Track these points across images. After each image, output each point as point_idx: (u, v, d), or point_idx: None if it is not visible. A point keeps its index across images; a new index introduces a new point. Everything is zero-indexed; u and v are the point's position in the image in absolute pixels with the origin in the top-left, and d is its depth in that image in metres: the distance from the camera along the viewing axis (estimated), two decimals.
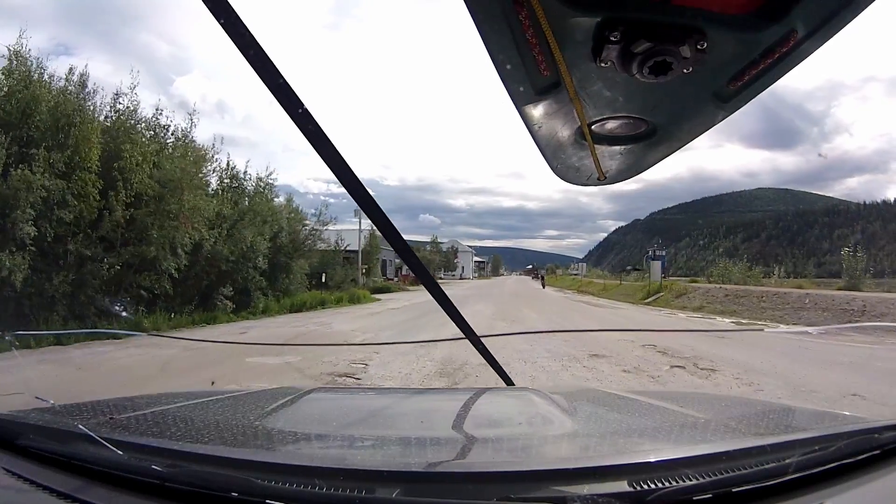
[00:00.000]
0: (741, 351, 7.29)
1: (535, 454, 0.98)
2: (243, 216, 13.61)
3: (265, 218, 14.49)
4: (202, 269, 12.00)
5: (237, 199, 14.29)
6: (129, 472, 0.74)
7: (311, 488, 0.67)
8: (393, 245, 1.17)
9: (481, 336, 1.39)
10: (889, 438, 0.83)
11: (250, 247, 13.17)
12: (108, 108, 10.64)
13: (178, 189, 10.63)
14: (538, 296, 26.68)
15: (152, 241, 10.02)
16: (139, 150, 10.06)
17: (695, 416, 1.24)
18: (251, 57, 0.82)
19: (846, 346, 7.81)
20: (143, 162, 10.00)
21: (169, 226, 10.43)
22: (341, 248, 24.00)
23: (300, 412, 1.33)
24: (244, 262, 13.08)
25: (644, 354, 7.13)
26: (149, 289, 10.22)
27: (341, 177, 0.98)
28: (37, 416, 1.00)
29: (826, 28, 0.62)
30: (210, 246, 11.86)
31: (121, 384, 5.26)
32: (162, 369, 6.01)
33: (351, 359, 6.24)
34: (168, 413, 1.18)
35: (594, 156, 0.92)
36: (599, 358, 6.76)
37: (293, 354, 6.64)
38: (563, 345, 7.39)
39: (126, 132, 10.31)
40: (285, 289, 15.78)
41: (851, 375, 5.74)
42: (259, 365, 6.08)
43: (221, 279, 12.55)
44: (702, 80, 0.70)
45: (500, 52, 0.66)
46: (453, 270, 62.29)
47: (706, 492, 0.67)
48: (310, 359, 6.36)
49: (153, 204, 10.25)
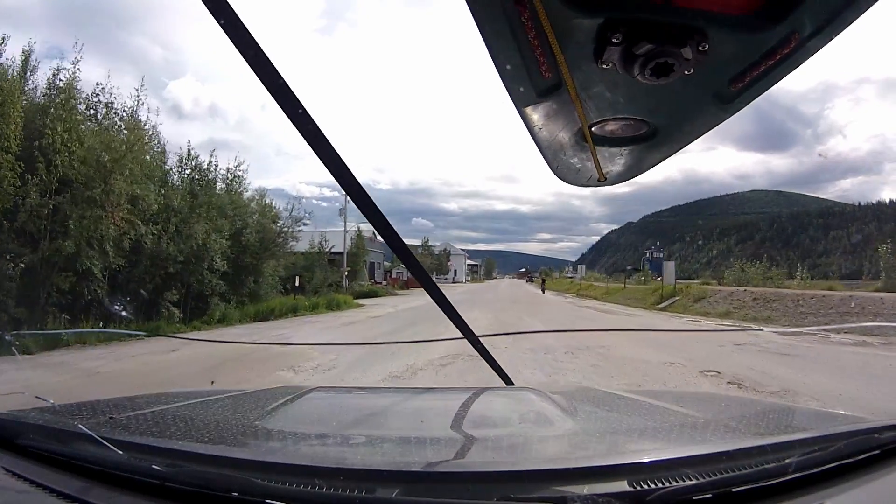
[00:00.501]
0: (839, 378, 5.62)
1: (535, 454, 0.98)
2: (196, 209, 11.76)
3: (226, 212, 12.89)
4: (145, 270, 10.45)
5: (197, 191, 12.53)
6: (129, 472, 0.74)
7: (311, 488, 0.67)
8: (392, 247, 1.17)
9: (481, 336, 1.39)
10: (889, 438, 0.83)
11: (202, 245, 11.44)
12: (46, 85, 9.35)
13: (105, 172, 8.99)
14: (538, 301, 24.31)
15: (70, 233, 8.46)
16: (64, 126, 8.68)
17: (695, 416, 1.25)
18: (251, 58, 0.82)
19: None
20: (69, 141, 8.64)
21: (91, 216, 8.75)
22: (325, 250, 22.53)
23: (300, 412, 1.33)
24: (196, 262, 11.44)
25: (714, 388, 5.21)
26: (75, 293, 8.65)
27: (340, 178, 0.98)
28: (37, 416, 1.00)
29: (828, 29, 0.62)
30: (151, 243, 10.22)
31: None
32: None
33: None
34: (168, 413, 1.18)
35: (595, 157, 0.92)
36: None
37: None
38: (590, 369, 6.01)
39: (57, 109, 8.90)
40: (253, 293, 14.31)
41: None
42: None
43: (169, 283, 10.94)
44: (703, 82, 0.70)
45: (502, 53, 0.66)
46: (446, 274, 60.98)
47: (706, 492, 0.68)
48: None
49: (75, 190, 8.76)
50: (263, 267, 14.82)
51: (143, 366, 6.95)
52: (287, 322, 13.10)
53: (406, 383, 5.37)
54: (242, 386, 3.88)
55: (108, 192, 8.92)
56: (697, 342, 8.27)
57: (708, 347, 7.68)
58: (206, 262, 11.69)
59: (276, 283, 15.77)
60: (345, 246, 25.60)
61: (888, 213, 72.46)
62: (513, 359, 5.98)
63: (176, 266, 10.92)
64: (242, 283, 13.93)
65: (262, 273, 14.80)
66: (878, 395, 4.90)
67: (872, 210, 76.05)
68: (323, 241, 22.94)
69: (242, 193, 14.85)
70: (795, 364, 6.46)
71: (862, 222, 73.45)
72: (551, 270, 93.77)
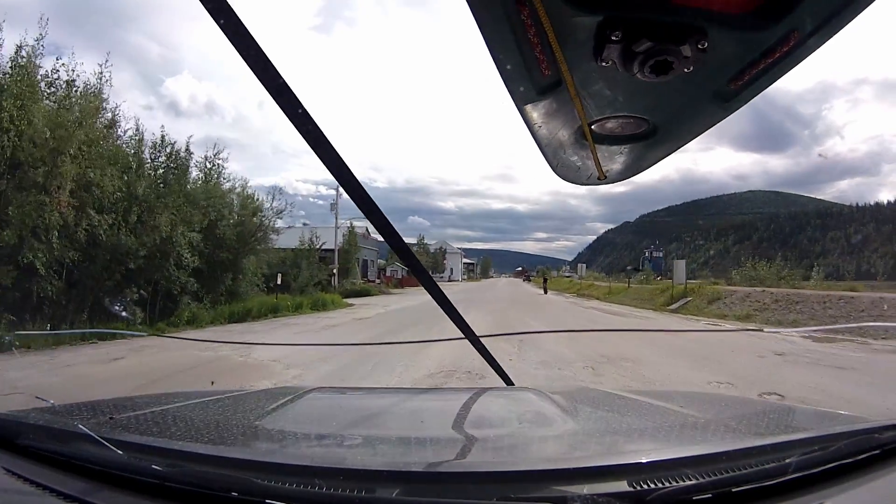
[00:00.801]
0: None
1: (536, 454, 0.98)
2: (162, 198, 10.68)
3: (198, 202, 11.78)
4: (104, 266, 9.35)
5: (170, 180, 11.57)
6: (129, 472, 0.74)
7: (311, 488, 0.67)
8: (392, 246, 1.17)
9: (482, 336, 1.39)
10: (889, 438, 0.83)
11: (168, 238, 10.40)
12: (9, 63, 8.48)
13: (51, 152, 8.08)
14: (539, 302, 22.96)
15: (11, 222, 7.62)
16: (15, 104, 7.89)
17: (695, 416, 1.25)
18: (251, 58, 0.82)
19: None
20: (18, 119, 7.87)
21: (32, 201, 7.89)
22: (315, 247, 21.61)
23: (300, 412, 1.33)
24: (162, 257, 10.41)
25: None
26: (22, 289, 7.77)
27: (340, 178, 0.97)
28: (37, 416, 1.00)
29: (828, 27, 0.62)
30: (107, 235, 9.15)
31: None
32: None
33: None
34: (168, 413, 1.18)
35: (595, 155, 0.92)
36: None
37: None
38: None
39: (10, 85, 8.16)
40: (231, 292, 13.24)
41: None
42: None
43: (131, 280, 9.94)
44: (703, 80, 0.70)
45: (502, 52, 0.66)
46: (442, 272, 60.13)
47: (706, 492, 0.67)
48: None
49: (22, 173, 7.95)
50: (242, 263, 13.70)
51: (72, 380, 5.75)
52: (262, 325, 11.93)
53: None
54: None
55: (52, 174, 8.00)
56: (732, 351, 7.41)
57: (747, 359, 6.88)
58: (173, 256, 10.62)
59: (257, 280, 14.67)
60: (336, 242, 24.82)
61: (887, 214, 72.26)
62: (522, 375, 5.11)
63: (138, 261, 9.79)
64: (218, 280, 12.77)
65: (242, 270, 13.70)
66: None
67: (871, 211, 75.92)
68: (314, 237, 22.08)
69: (221, 183, 13.68)
70: (862, 380, 5.66)
71: (860, 223, 73.33)
72: (549, 269, 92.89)
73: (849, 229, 73.16)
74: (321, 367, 6.18)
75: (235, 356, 6.96)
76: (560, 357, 6.47)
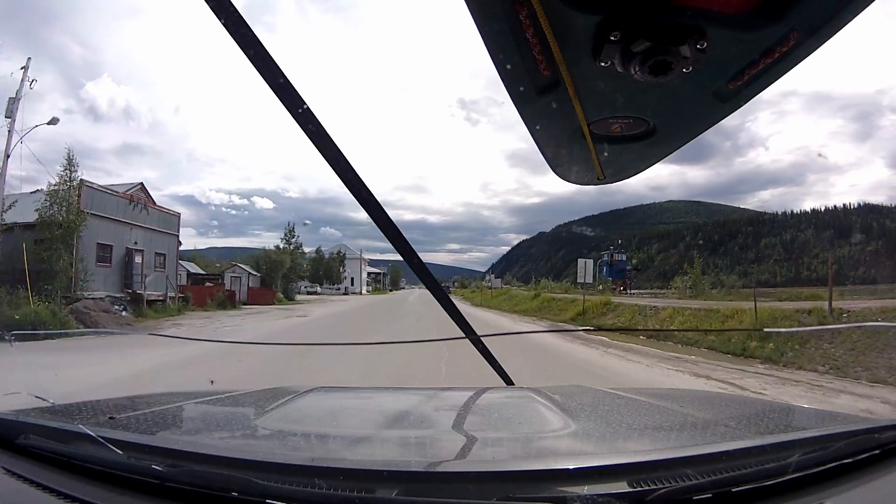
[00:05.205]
0: None
1: (535, 454, 0.98)
2: None
3: None
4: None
5: None
6: (129, 472, 0.74)
7: (311, 488, 0.67)
8: (396, 247, 1.16)
9: (483, 336, 1.39)
10: (889, 438, 0.83)
11: None
12: None
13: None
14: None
15: None
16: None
17: (695, 416, 1.24)
18: (252, 56, 0.82)
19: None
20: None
21: None
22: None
23: (300, 412, 1.33)
24: None
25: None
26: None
27: (343, 176, 0.97)
28: (37, 416, 1.00)
29: (825, 28, 0.62)
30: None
31: None
32: None
33: None
34: (168, 413, 1.18)
35: (594, 155, 0.92)
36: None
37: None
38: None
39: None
40: None
41: None
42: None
43: None
44: (701, 80, 0.70)
45: (501, 51, 0.66)
46: (338, 283, 49.52)
47: (706, 492, 0.67)
48: None
49: None
50: None
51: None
52: None
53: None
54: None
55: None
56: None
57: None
58: None
59: None
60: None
61: (825, 219, 71.71)
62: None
63: None
64: None
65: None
66: None
67: (807, 217, 75.24)
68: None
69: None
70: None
71: (796, 230, 72.80)
72: (466, 278, 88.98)
73: (784, 235, 72.66)
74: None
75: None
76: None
